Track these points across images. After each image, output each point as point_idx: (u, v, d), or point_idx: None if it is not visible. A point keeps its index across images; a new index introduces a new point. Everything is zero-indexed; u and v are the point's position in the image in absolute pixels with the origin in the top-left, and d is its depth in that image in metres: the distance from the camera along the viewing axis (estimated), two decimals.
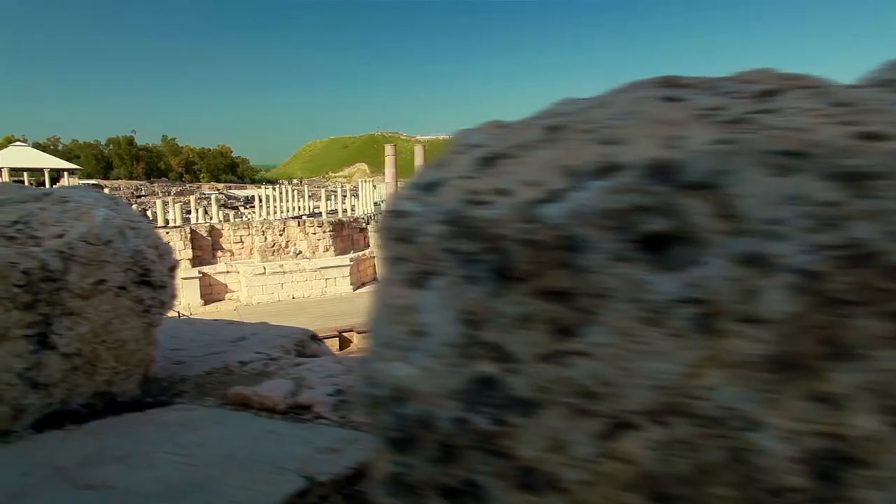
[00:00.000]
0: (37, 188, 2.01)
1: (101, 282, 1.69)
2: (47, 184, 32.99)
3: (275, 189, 37.76)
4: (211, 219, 26.47)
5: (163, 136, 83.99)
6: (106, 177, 62.84)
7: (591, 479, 0.58)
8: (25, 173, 35.17)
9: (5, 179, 31.26)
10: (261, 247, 20.55)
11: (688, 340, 0.54)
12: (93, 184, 36.49)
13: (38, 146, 56.24)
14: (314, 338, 2.76)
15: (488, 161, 0.66)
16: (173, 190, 44.79)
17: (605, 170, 0.56)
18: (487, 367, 0.61)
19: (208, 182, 68.24)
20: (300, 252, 21.06)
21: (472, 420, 0.62)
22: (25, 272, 1.51)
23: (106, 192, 2.16)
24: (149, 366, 1.92)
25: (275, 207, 31.47)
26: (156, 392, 1.91)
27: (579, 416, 0.58)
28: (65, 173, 38.35)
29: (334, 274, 20.19)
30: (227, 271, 19.74)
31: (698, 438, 0.54)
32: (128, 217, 1.83)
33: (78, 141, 74.73)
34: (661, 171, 0.53)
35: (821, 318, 0.50)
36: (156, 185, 51.93)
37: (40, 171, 36.59)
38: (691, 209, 0.53)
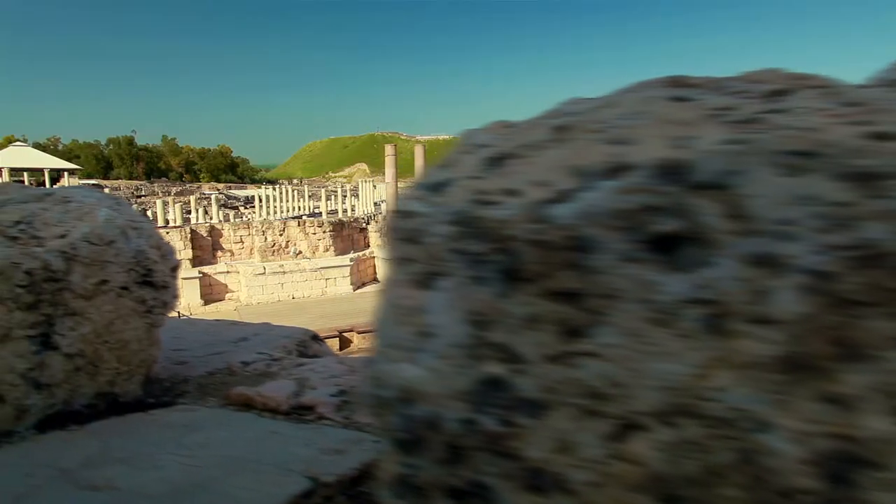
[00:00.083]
0: (39, 188, 2.01)
1: (104, 282, 1.68)
2: (47, 184, 32.99)
3: (275, 189, 37.77)
4: (211, 219, 26.47)
5: (163, 136, 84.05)
6: (106, 177, 62.84)
7: (599, 481, 0.58)
8: (25, 173, 35.16)
9: (5, 179, 31.25)
10: (261, 247, 20.54)
11: (697, 341, 0.53)
12: (93, 184, 36.47)
13: (38, 146, 56.25)
14: (316, 338, 2.76)
15: (496, 161, 0.66)
16: (173, 190, 44.79)
17: (615, 170, 0.55)
18: (495, 368, 0.61)
19: (208, 182, 68.25)
20: (300, 252, 21.06)
21: (480, 421, 0.62)
22: (28, 272, 1.51)
23: (106, 193, 2.16)
24: (151, 366, 1.92)
25: (275, 207, 31.48)
26: (158, 392, 1.91)
27: (588, 417, 0.58)
28: (65, 173, 38.35)
29: (334, 274, 20.19)
30: (228, 271, 19.74)
31: (707, 440, 0.54)
32: (130, 217, 1.83)
33: (78, 141, 74.77)
34: (671, 172, 0.53)
35: (832, 318, 0.50)
36: (156, 185, 51.93)
37: (40, 171, 36.59)
38: (701, 209, 0.52)
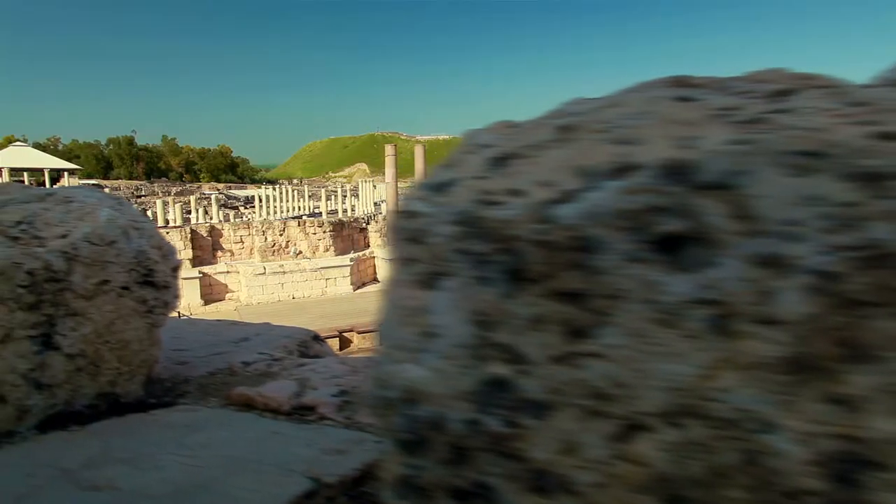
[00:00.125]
0: (40, 188, 2.01)
1: (105, 282, 1.68)
2: (47, 184, 32.99)
3: (275, 189, 37.78)
4: (211, 219, 26.47)
5: (163, 136, 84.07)
6: (106, 177, 62.86)
7: (603, 482, 0.58)
8: (25, 173, 35.16)
9: (5, 179, 31.26)
10: (261, 247, 20.54)
11: (702, 342, 0.53)
12: (93, 184, 36.48)
13: (38, 146, 56.27)
14: (317, 338, 2.76)
15: (500, 161, 0.66)
16: (173, 190, 44.79)
17: (620, 170, 0.55)
18: (499, 369, 0.61)
19: (208, 182, 68.26)
20: (300, 252, 21.06)
21: (484, 422, 0.61)
22: (30, 272, 1.51)
23: (107, 193, 2.16)
24: (152, 366, 1.92)
25: (275, 207, 31.48)
26: (159, 393, 1.91)
27: (592, 417, 0.58)
28: (65, 173, 38.36)
29: (334, 274, 20.19)
30: (228, 271, 19.74)
31: (713, 440, 0.54)
32: (131, 217, 1.83)
33: (78, 141, 74.78)
34: (676, 172, 0.53)
35: (838, 319, 0.50)
36: (156, 185, 51.94)
37: (40, 171, 36.59)
38: (707, 210, 0.52)
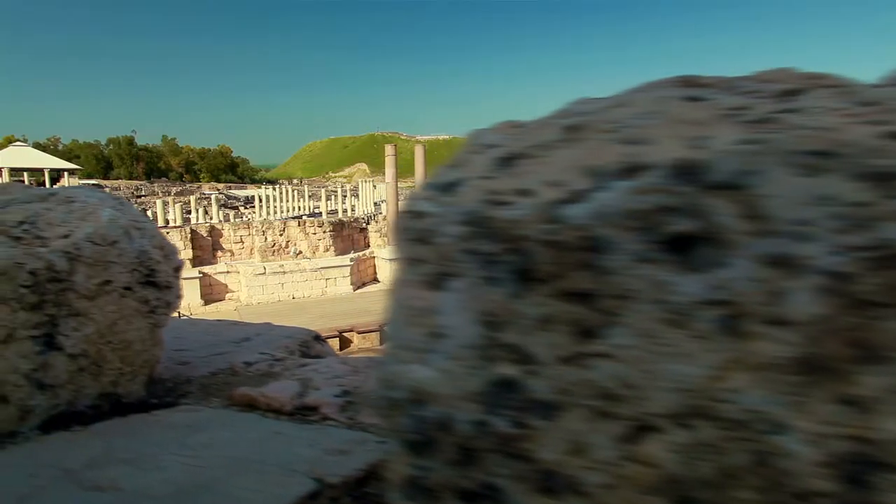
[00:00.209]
0: (42, 188, 2.01)
1: (107, 282, 1.68)
2: (47, 184, 33.00)
3: (275, 189, 37.79)
4: (211, 219, 26.47)
5: (163, 136, 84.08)
6: (106, 177, 62.86)
7: (612, 483, 0.58)
8: (25, 173, 35.16)
9: (5, 179, 31.26)
10: (261, 247, 20.54)
11: (712, 342, 0.53)
12: (93, 184, 36.49)
13: (38, 146, 56.27)
14: (318, 338, 2.75)
15: (507, 161, 0.65)
16: (173, 190, 44.80)
17: (629, 170, 0.55)
18: (508, 370, 0.60)
19: (208, 182, 68.27)
20: (300, 252, 21.06)
21: (492, 423, 0.61)
22: (32, 273, 1.50)
23: (108, 193, 2.15)
24: (154, 366, 1.92)
25: (275, 207, 31.48)
26: (161, 393, 1.91)
27: (601, 418, 0.58)
28: (65, 173, 38.36)
29: (334, 274, 20.19)
30: (228, 271, 19.74)
31: (723, 441, 0.54)
32: (133, 217, 1.83)
33: (78, 141, 74.78)
34: (686, 172, 0.53)
35: (848, 320, 0.49)
36: (156, 185, 51.95)
37: (40, 171, 36.59)
38: (717, 210, 0.52)
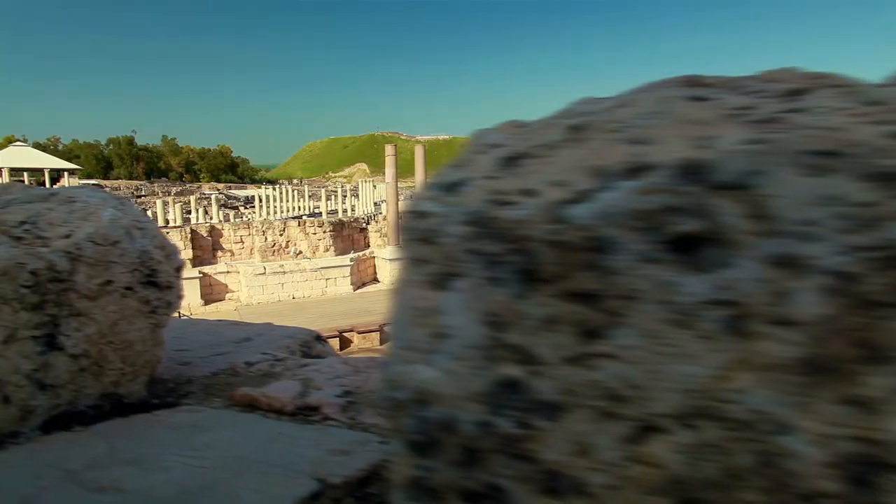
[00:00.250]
0: (43, 188, 2.00)
1: (108, 282, 1.68)
2: (47, 184, 32.98)
3: (275, 189, 37.79)
4: (211, 219, 26.47)
5: (163, 136, 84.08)
6: (106, 177, 62.86)
7: (617, 484, 0.57)
8: (25, 173, 35.16)
9: (5, 179, 31.26)
10: (261, 247, 20.54)
11: (718, 343, 0.53)
12: (93, 184, 36.47)
13: (38, 146, 56.28)
14: (319, 338, 2.75)
15: (511, 161, 0.65)
16: (173, 190, 44.79)
17: (635, 170, 0.55)
18: (512, 370, 0.60)
19: (208, 182, 68.27)
20: (300, 252, 21.05)
21: (496, 423, 0.61)
22: (33, 273, 1.50)
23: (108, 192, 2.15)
24: (155, 367, 1.92)
25: (275, 207, 31.48)
26: (162, 393, 1.91)
27: (606, 419, 0.57)
28: (65, 173, 38.36)
29: (335, 274, 20.19)
30: (228, 271, 19.73)
31: (728, 442, 0.54)
32: (134, 217, 1.83)
33: (78, 141, 74.79)
34: (692, 172, 0.53)
35: (855, 320, 0.49)
36: (156, 185, 51.95)
37: (40, 171, 36.58)
38: (723, 210, 0.52)
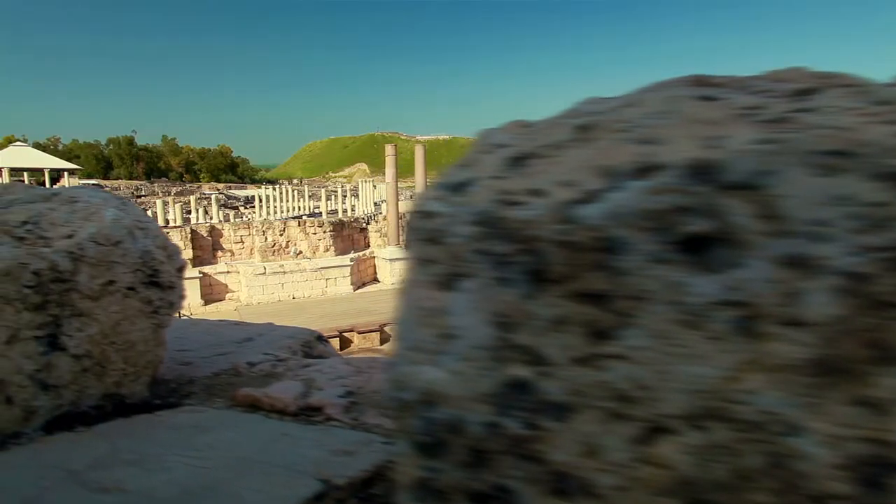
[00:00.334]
0: (44, 188, 2.00)
1: (111, 282, 1.67)
2: (47, 184, 32.97)
3: (275, 189, 37.77)
4: (211, 219, 26.46)
5: (163, 136, 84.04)
6: (106, 177, 62.85)
7: (626, 485, 0.57)
8: (25, 173, 35.14)
9: (6, 179, 31.26)
10: (261, 247, 20.53)
11: (728, 344, 0.53)
12: (93, 184, 36.46)
13: (38, 146, 56.25)
14: (320, 338, 2.75)
15: (518, 161, 0.65)
16: (173, 190, 44.78)
17: (644, 170, 0.54)
18: (520, 371, 0.60)
19: (208, 182, 68.26)
20: (300, 252, 21.04)
21: (504, 424, 0.61)
22: (36, 273, 1.50)
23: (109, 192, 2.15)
24: (157, 367, 1.91)
25: (275, 207, 31.46)
26: (164, 393, 1.90)
27: (615, 420, 0.57)
28: (65, 173, 38.34)
29: (335, 274, 20.17)
30: (228, 271, 19.72)
31: (738, 443, 0.53)
32: (136, 217, 1.82)
33: (78, 141, 74.75)
34: (702, 172, 0.52)
35: (866, 321, 0.49)
36: (156, 185, 51.93)
37: (40, 171, 36.57)
38: (733, 210, 0.52)
